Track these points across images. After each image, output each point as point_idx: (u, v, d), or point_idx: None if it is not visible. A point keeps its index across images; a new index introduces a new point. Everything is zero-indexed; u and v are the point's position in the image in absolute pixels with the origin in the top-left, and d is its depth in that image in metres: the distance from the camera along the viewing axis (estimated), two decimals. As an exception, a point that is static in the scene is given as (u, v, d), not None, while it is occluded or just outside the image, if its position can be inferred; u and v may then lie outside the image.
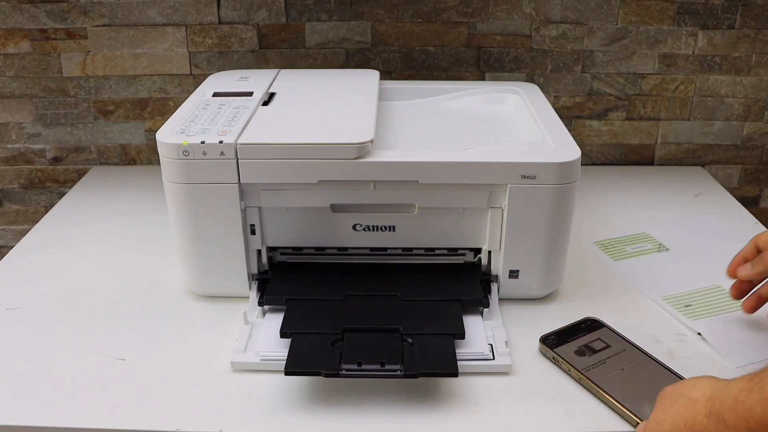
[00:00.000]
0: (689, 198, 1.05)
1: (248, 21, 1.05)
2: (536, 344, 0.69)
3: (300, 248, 0.77)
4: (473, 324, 0.71)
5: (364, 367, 0.61)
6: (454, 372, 0.61)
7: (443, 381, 0.65)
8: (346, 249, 0.77)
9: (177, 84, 1.10)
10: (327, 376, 0.61)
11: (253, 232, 0.74)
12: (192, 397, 0.63)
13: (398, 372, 0.61)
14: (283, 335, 0.66)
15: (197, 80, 1.08)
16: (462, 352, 0.66)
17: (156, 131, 0.71)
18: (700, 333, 0.71)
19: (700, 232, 0.93)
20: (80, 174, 1.15)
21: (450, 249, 0.77)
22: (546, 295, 0.78)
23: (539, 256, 0.73)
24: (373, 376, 0.62)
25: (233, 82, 0.87)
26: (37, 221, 0.98)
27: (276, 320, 0.70)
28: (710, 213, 0.99)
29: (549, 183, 0.69)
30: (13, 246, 0.91)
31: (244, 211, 0.73)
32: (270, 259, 0.78)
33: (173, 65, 1.08)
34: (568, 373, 0.64)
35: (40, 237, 0.93)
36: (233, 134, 0.69)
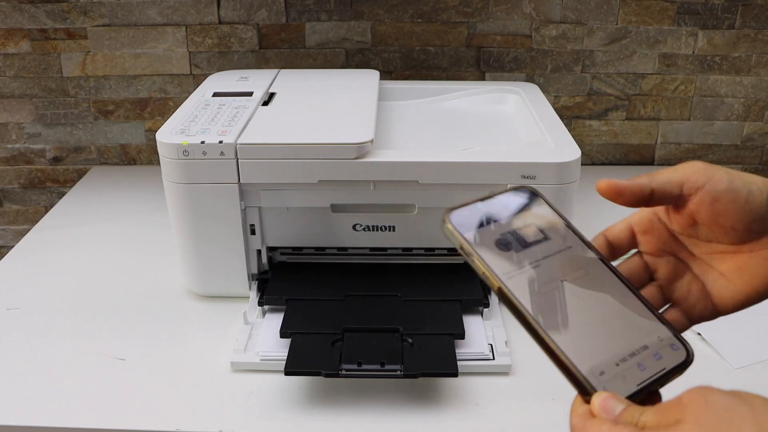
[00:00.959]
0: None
1: (248, 21, 1.05)
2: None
3: (300, 248, 0.77)
4: (473, 324, 0.71)
5: (364, 367, 0.62)
6: (454, 372, 0.61)
7: (443, 381, 0.65)
8: (346, 249, 0.77)
9: (177, 84, 1.10)
10: (327, 376, 0.61)
11: (253, 232, 0.74)
12: (192, 397, 0.63)
13: (398, 372, 0.61)
14: (283, 335, 0.66)
15: (197, 80, 1.08)
16: (462, 352, 0.66)
17: (156, 131, 0.71)
18: (700, 333, 0.71)
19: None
20: (80, 174, 1.15)
21: (450, 249, 0.77)
22: (546, 295, 0.78)
23: (539, 256, 0.73)
24: (373, 376, 0.62)
25: (233, 82, 0.87)
26: (37, 221, 0.98)
27: (276, 320, 0.70)
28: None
29: (549, 183, 0.69)
30: (13, 246, 0.91)
31: (244, 211, 0.73)
32: (270, 259, 0.78)
33: (173, 65, 1.08)
34: (483, 278, 0.38)
35: (40, 237, 0.93)
36: (233, 134, 0.69)
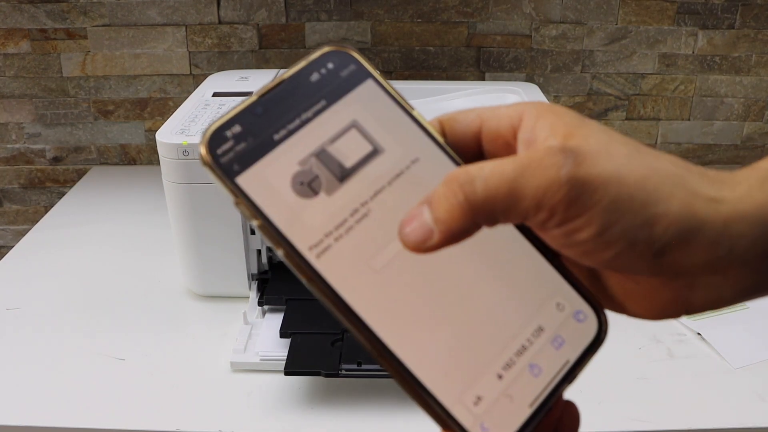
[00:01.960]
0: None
1: (248, 21, 1.05)
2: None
3: (300, 248, 0.77)
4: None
5: (364, 367, 0.62)
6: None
7: (443, 381, 0.65)
8: (346, 249, 0.77)
9: (177, 84, 1.10)
10: (327, 376, 0.61)
11: (253, 232, 0.74)
12: (192, 397, 0.63)
13: (398, 372, 0.61)
14: (283, 335, 0.66)
15: (197, 80, 1.09)
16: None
17: (156, 131, 0.71)
18: (700, 333, 0.71)
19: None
20: (80, 174, 1.15)
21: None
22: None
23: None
24: (373, 376, 0.62)
25: (233, 82, 0.87)
26: (37, 221, 0.98)
27: (276, 320, 0.70)
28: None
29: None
30: (13, 246, 0.91)
31: (244, 211, 0.73)
32: (270, 259, 0.78)
33: (173, 65, 1.08)
34: (277, 254, 0.25)
35: (40, 237, 0.93)
36: (233, 134, 0.69)
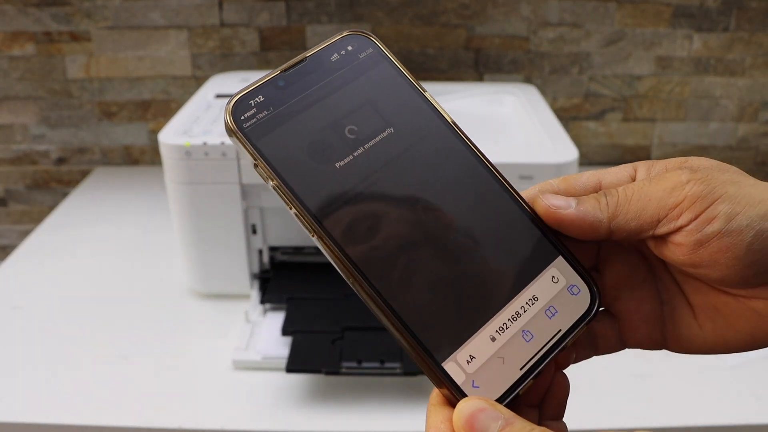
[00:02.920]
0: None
1: (250, 23, 1.06)
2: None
3: (301, 248, 0.78)
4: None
5: (364, 365, 0.63)
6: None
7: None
8: (347, 249, 0.78)
9: (179, 86, 1.11)
10: (327, 374, 0.62)
11: (255, 232, 0.75)
12: (194, 395, 0.64)
13: (398, 370, 0.62)
14: (285, 334, 0.67)
15: (199, 82, 1.09)
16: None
17: (159, 132, 0.72)
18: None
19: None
20: (84, 174, 1.16)
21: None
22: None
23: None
24: (373, 374, 0.63)
25: (235, 84, 0.88)
26: (42, 221, 0.99)
27: (277, 319, 0.71)
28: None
29: (545, 184, 0.70)
30: (18, 245, 0.92)
31: (246, 211, 0.74)
32: (271, 259, 0.79)
33: (176, 67, 1.09)
34: (296, 217, 0.28)
35: (45, 237, 0.94)
36: (235, 136, 0.70)
